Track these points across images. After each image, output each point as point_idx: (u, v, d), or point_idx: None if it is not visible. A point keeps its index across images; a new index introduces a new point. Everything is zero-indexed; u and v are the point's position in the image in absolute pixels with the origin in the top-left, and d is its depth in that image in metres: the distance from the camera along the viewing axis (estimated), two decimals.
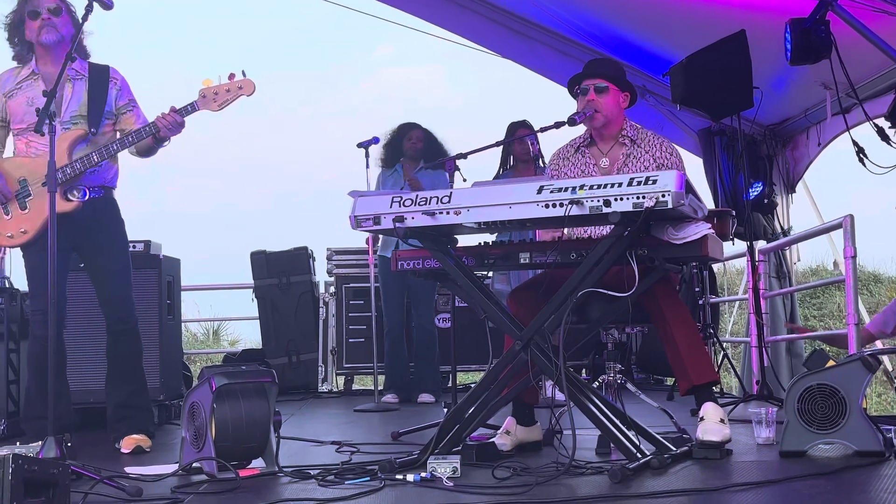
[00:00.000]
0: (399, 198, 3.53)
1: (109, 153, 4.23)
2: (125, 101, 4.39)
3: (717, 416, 3.67)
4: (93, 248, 4.33)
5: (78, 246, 4.32)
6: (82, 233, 4.26)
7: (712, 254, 3.49)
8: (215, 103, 4.22)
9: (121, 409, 4.36)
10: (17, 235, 4.18)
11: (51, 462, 2.68)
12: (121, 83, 4.40)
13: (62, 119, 4.22)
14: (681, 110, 7.04)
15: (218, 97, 4.21)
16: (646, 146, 4.06)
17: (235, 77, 4.23)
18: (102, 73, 4.36)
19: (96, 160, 4.19)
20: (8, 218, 4.20)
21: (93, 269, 4.37)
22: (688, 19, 6.25)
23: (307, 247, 7.96)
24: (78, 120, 4.26)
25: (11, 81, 4.30)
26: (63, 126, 4.21)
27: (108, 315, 4.37)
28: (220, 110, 4.23)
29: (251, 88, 4.25)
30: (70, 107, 4.26)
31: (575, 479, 3.18)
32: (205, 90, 4.21)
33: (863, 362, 3.47)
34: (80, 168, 4.17)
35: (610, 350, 4.04)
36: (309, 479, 3.29)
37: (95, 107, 4.29)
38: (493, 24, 7.47)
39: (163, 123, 4.18)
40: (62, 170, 4.10)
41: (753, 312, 6.18)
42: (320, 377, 7.70)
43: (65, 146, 4.17)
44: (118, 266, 4.36)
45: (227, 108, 4.24)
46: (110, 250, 4.35)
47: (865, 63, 5.33)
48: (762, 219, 7.18)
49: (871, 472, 3.14)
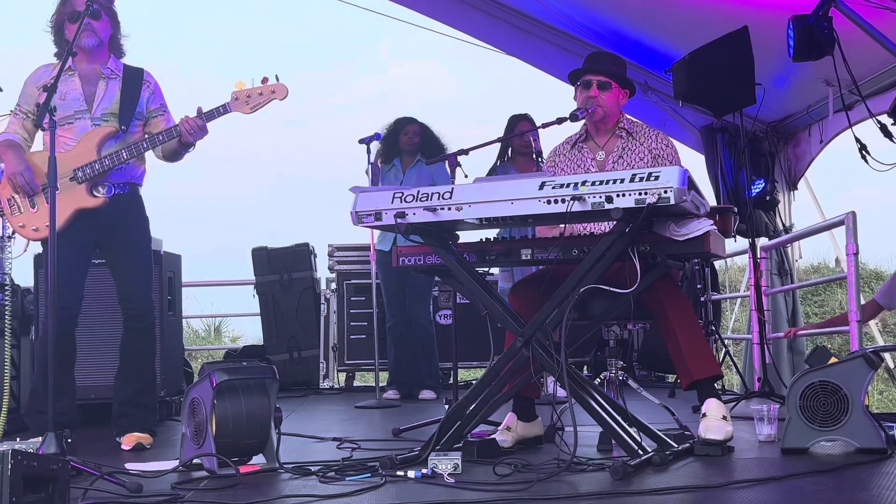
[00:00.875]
0: (400, 193, 3.53)
1: (139, 151, 4.25)
2: (157, 106, 4.41)
3: (719, 413, 3.66)
4: (117, 245, 4.34)
5: (102, 243, 4.33)
6: (107, 229, 4.28)
7: (714, 250, 3.48)
8: (247, 106, 4.23)
9: (126, 406, 4.35)
10: (42, 229, 4.18)
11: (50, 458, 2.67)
12: (154, 87, 4.43)
13: (93, 115, 4.26)
14: (683, 107, 7.03)
15: (251, 100, 4.23)
16: (641, 138, 4.07)
17: (269, 81, 4.24)
18: (136, 75, 4.39)
19: (125, 157, 4.21)
20: (34, 211, 4.19)
21: (115, 266, 4.37)
22: (690, 16, 6.23)
23: (308, 243, 7.98)
24: (109, 117, 4.28)
25: (48, 75, 4.30)
26: (94, 122, 4.25)
27: (125, 311, 4.37)
28: (251, 113, 4.25)
29: (284, 93, 4.27)
30: (102, 104, 4.29)
31: (576, 475, 3.17)
32: (237, 92, 4.22)
33: (865, 359, 3.47)
34: (108, 164, 4.19)
35: (612, 347, 4.03)
36: (310, 476, 3.28)
37: (127, 106, 4.31)
38: (496, 21, 7.47)
39: (185, 128, 4.19)
40: (91, 165, 4.16)
41: (755, 309, 6.18)
42: (321, 374, 7.70)
43: (94, 142, 4.20)
44: (140, 264, 4.38)
45: None
46: (135, 248, 4.37)
47: (868, 60, 5.31)
48: (764, 216, 7.17)
49: (874, 469, 3.14)
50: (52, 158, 3.64)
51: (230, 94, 4.23)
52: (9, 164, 4.20)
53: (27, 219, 4.20)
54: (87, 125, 4.23)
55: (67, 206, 4.12)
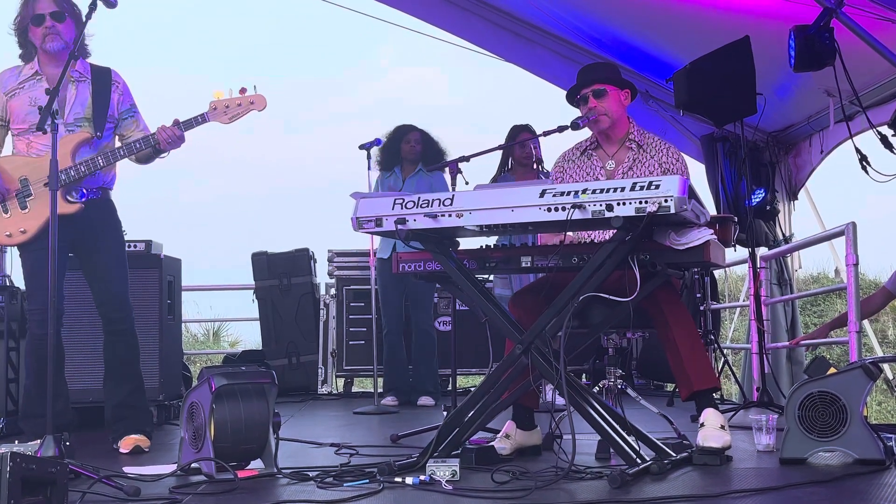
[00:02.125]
0: (401, 199, 3.53)
1: (115, 158, 4.23)
2: (127, 107, 4.38)
3: (717, 423, 3.66)
4: (89, 249, 4.31)
5: (75, 247, 4.30)
6: (79, 234, 4.24)
7: (714, 259, 3.48)
8: (226, 116, 4.23)
9: (119, 409, 4.34)
10: (15, 235, 4.17)
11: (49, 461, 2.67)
12: (122, 87, 4.39)
13: (66, 121, 4.20)
14: (684, 116, 7.04)
15: (229, 111, 4.23)
16: (652, 151, 4.07)
17: (247, 91, 4.24)
18: (105, 75, 4.35)
19: (102, 164, 4.18)
20: (7, 217, 4.18)
21: (89, 270, 4.35)
22: (692, 25, 6.25)
23: (308, 248, 7.97)
24: (82, 122, 4.24)
25: (13, 80, 4.27)
26: (67, 128, 4.19)
27: (104, 315, 4.34)
28: (230, 123, 4.25)
29: (263, 104, 4.27)
30: (74, 109, 4.24)
31: (574, 483, 3.17)
32: (216, 102, 4.21)
33: (864, 370, 3.46)
34: (83, 171, 4.15)
35: (610, 355, 4.03)
36: (308, 481, 3.28)
37: (100, 110, 4.27)
38: (497, 28, 7.48)
39: (162, 137, 4.17)
40: (66, 171, 4.09)
41: (754, 319, 6.17)
42: (320, 379, 7.70)
43: (69, 148, 4.15)
44: (114, 266, 4.34)
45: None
46: (107, 251, 4.33)
47: (869, 71, 5.33)
48: (764, 225, 7.18)
49: (872, 480, 3.13)
50: (54, 161, 3.62)
51: (208, 103, 4.22)
52: None
53: (1, 225, 4.17)
54: (60, 131, 4.18)
55: (43, 211, 4.03)
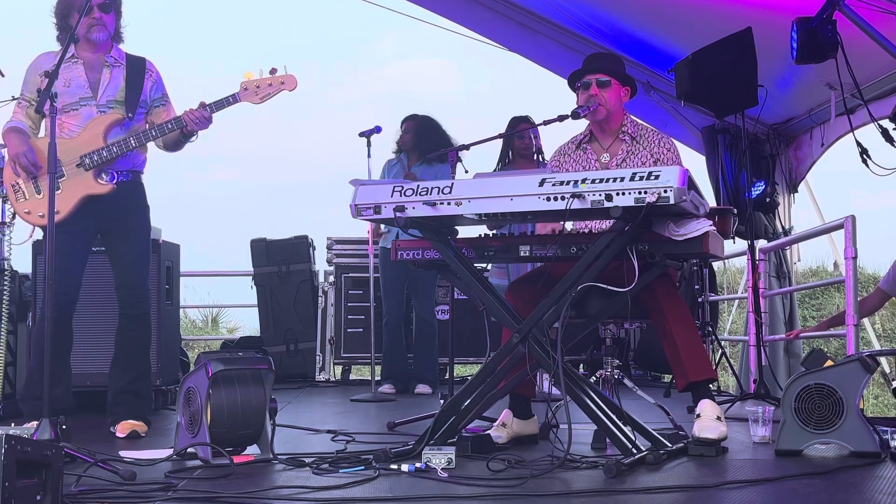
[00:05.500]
0: (400, 187, 3.52)
1: (147, 139, 4.25)
2: (159, 95, 4.43)
3: (713, 414, 3.67)
4: (118, 232, 4.34)
5: (102, 229, 4.33)
6: (109, 216, 4.28)
7: (713, 251, 3.48)
8: (257, 96, 4.25)
9: (121, 394, 4.35)
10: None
11: (45, 444, 2.67)
12: (156, 76, 4.44)
13: (98, 102, 4.27)
14: (685, 107, 7.03)
15: (260, 90, 4.24)
16: (645, 142, 4.09)
17: (278, 71, 4.25)
18: (139, 63, 4.40)
19: (133, 145, 4.22)
20: (40, 197, 4.18)
21: (114, 253, 4.37)
22: (694, 16, 6.23)
23: (307, 235, 7.97)
24: (114, 104, 4.29)
25: (49, 62, 4.28)
26: (99, 109, 4.25)
27: (122, 299, 4.36)
28: (261, 103, 4.27)
29: (294, 84, 4.28)
30: (107, 92, 4.30)
31: (570, 472, 3.17)
32: (247, 83, 4.23)
33: (861, 363, 3.47)
34: (116, 152, 4.20)
35: (608, 345, 4.03)
36: (303, 467, 3.28)
37: (132, 94, 4.32)
38: (500, 17, 7.47)
39: (189, 118, 4.19)
40: (98, 152, 4.16)
41: (752, 311, 6.18)
42: (318, 366, 7.71)
43: (100, 129, 4.20)
44: (139, 252, 4.38)
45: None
46: (136, 235, 4.37)
47: (871, 64, 5.31)
48: (763, 218, 7.18)
49: (867, 472, 3.14)
50: (52, 144, 3.64)
51: (239, 84, 4.24)
52: (12, 147, 4.20)
53: (33, 205, 4.20)
54: (92, 112, 4.23)
55: (75, 192, 4.12)
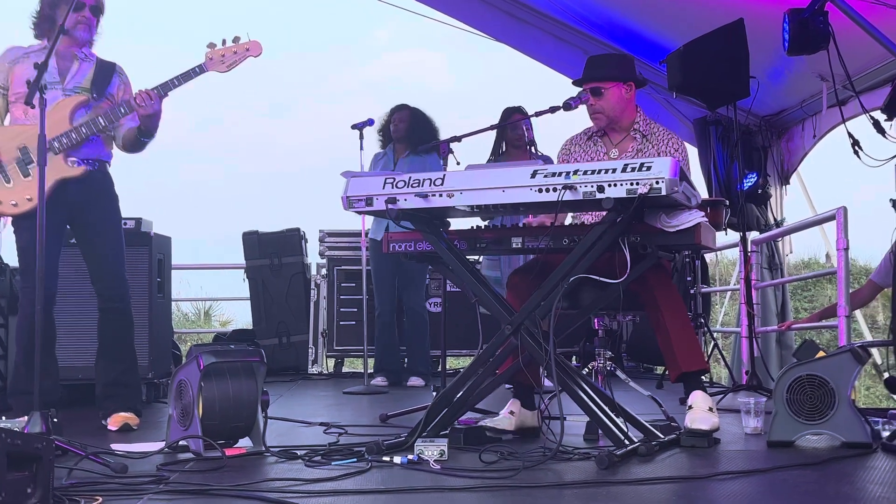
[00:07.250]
0: (392, 179, 3.51)
1: (116, 116, 4.21)
2: (127, 98, 4.36)
3: (705, 405, 3.67)
4: (86, 223, 4.30)
5: (72, 220, 4.29)
6: (77, 207, 4.24)
7: (705, 242, 3.48)
8: (223, 65, 4.23)
9: (110, 387, 4.33)
10: (21, 203, 4.13)
11: (35, 437, 2.66)
12: (126, 80, 4.43)
13: (65, 87, 4.25)
14: (676, 98, 7.03)
15: (226, 59, 4.23)
16: (655, 140, 4.08)
17: (241, 39, 4.24)
18: (109, 65, 4.40)
19: (102, 124, 4.19)
20: (10, 186, 4.15)
21: (85, 246, 4.33)
22: (686, 7, 6.23)
23: (299, 228, 7.95)
24: (80, 91, 4.27)
25: (21, 52, 4.30)
26: (65, 93, 4.23)
27: (100, 292, 4.33)
28: (227, 71, 4.25)
29: (258, 49, 4.27)
30: (75, 79, 4.28)
31: (562, 464, 3.17)
32: (211, 52, 4.22)
33: (853, 354, 3.48)
34: (85, 133, 4.17)
35: (601, 337, 4.04)
36: (296, 460, 3.28)
37: (99, 85, 4.30)
38: (492, 9, 7.46)
39: (138, 98, 4.15)
40: (67, 135, 4.13)
41: (745, 303, 6.19)
42: (310, 359, 7.70)
43: (66, 112, 4.18)
44: (111, 243, 4.33)
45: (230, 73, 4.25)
46: (104, 227, 4.32)
47: (863, 55, 5.31)
48: (755, 209, 7.18)
49: (858, 463, 3.15)
50: (42, 136, 3.59)
51: (203, 55, 4.22)
52: None
53: (4, 195, 4.15)
54: (57, 95, 4.19)
55: (47, 177, 4.05)
